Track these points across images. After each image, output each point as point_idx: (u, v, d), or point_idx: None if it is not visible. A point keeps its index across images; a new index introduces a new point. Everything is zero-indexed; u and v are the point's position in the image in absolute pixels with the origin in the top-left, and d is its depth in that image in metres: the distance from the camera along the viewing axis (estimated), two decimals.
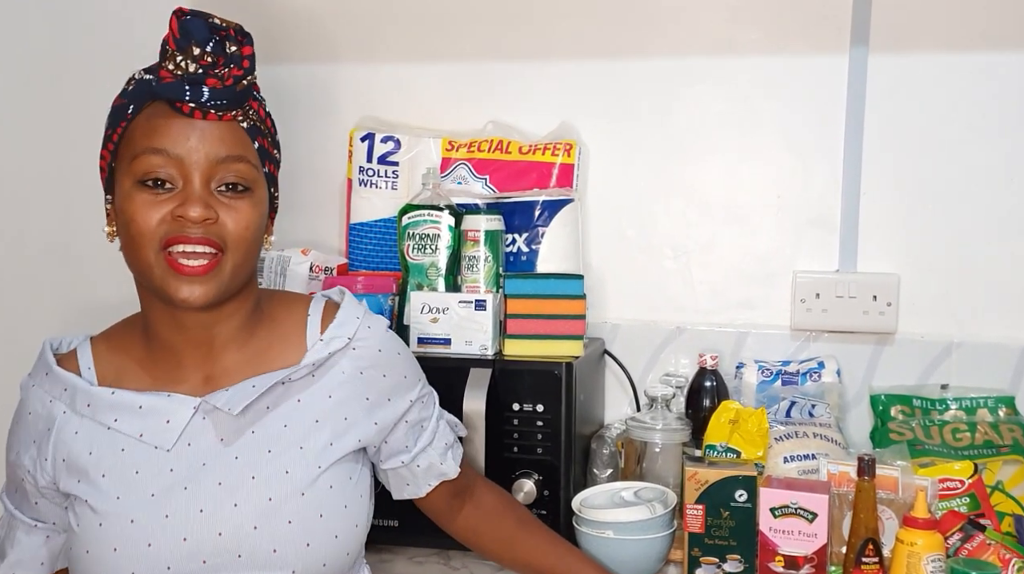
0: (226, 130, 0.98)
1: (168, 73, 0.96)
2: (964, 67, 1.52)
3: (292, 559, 0.99)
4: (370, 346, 1.09)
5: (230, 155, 0.97)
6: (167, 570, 0.97)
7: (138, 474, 0.99)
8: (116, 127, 0.99)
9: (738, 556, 1.24)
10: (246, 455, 1.00)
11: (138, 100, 0.98)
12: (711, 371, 1.54)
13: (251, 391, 1.01)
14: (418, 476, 1.14)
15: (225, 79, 0.97)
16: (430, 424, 1.15)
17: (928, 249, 1.56)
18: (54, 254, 1.87)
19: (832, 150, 1.57)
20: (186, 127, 0.96)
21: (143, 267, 0.97)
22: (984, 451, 1.40)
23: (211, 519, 0.98)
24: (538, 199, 1.56)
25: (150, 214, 0.95)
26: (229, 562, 0.98)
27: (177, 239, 0.95)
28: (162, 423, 0.99)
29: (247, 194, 0.99)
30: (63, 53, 1.84)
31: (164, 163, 0.95)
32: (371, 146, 1.64)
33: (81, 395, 1.01)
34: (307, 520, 1.00)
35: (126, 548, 0.97)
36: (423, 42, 1.70)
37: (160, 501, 0.98)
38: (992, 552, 1.17)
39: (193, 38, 0.96)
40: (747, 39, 1.59)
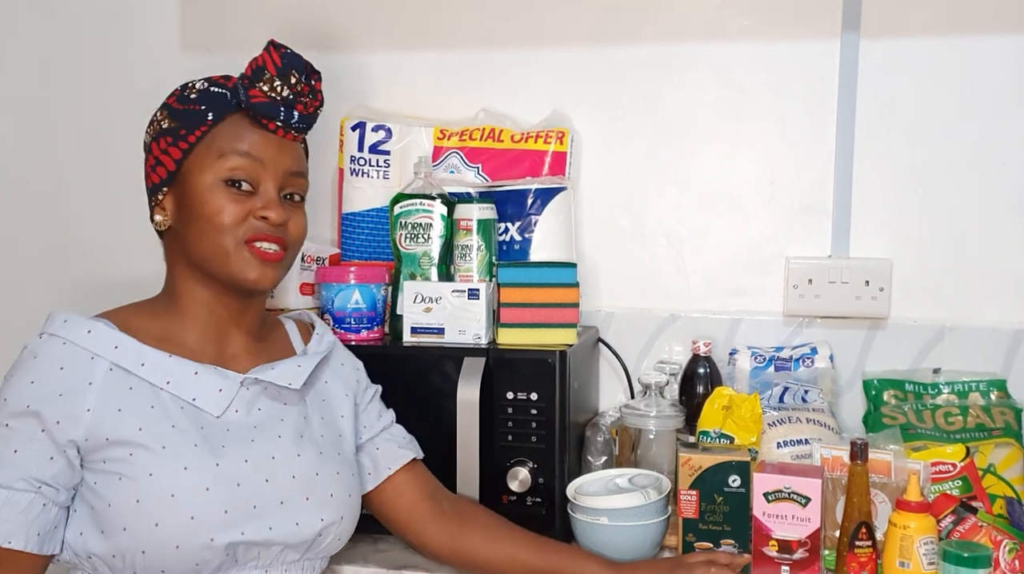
0: (296, 150, 1.16)
1: (262, 94, 1.11)
2: (955, 51, 1.52)
3: (342, 504, 1.14)
4: (339, 349, 1.29)
5: (298, 171, 1.16)
6: (253, 509, 1.06)
7: (203, 429, 1.07)
8: (194, 130, 1.10)
9: (732, 541, 1.25)
10: (290, 420, 1.14)
11: (218, 109, 1.11)
12: (704, 358, 1.54)
13: (299, 370, 1.15)
14: (378, 460, 1.25)
15: (308, 107, 1.15)
16: (387, 415, 1.30)
17: (920, 234, 1.56)
18: (47, 245, 1.87)
19: (824, 136, 1.58)
20: (271, 141, 1.12)
21: (218, 251, 1.09)
22: (976, 434, 1.40)
23: (284, 465, 1.10)
24: (531, 187, 1.56)
25: (234, 209, 1.09)
26: (299, 503, 1.10)
27: (259, 237, 1.10)
28: (214, 391, 1.09)
29: (301, 203, 1.17)
30: (55, 44, 1.84)
31: (250, 167, 1.10)
32: (362, 135, 1.63)
33: (134, 352, 1.06)
34: (347, 475, 1.17)
35: (217, 489, 1.04)
36: (414, 30, 1.70)
37: (232, 450, 1.07)
38: (984, 534, 1.18)
39: (293, 67, 1.13)
40: (739, 25, 1.59)
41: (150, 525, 1.00)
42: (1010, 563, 1.16)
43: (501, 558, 1.22)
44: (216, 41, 1.76)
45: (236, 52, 1.22)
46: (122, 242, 1.82)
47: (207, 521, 1.02)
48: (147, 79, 1.78)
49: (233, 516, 1.04)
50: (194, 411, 1.07)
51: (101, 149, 1.84)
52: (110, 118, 1.82)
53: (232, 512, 1.04)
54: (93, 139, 1.84)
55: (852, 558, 1.19)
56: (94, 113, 1.84)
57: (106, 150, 1.83)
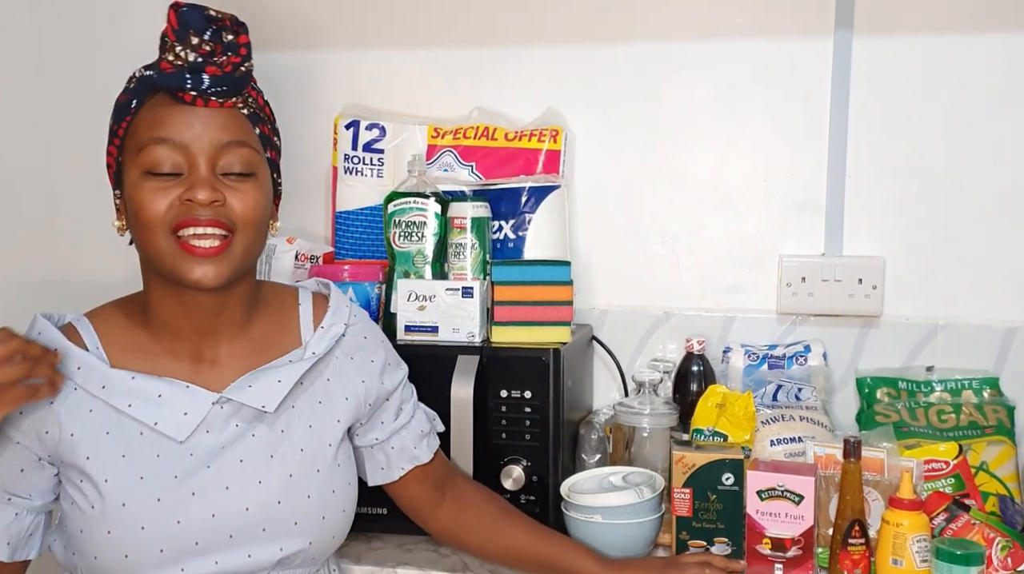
0: (228, 117, 1.01)
1: (168, 64, 0.99)
2: (949, 49, 1.52)
3: (310, 531, 1.06)
4: (357, 333, 1.17)
5: (233, 140, 1.01)
6: (195, 546, 1.00)
7: (159, 457, 1.01)
8: (120, 122, 1.03)
9: (726, 539, 1.25)
10: (262, 436, 1.05)
11: (140, 94, 1.01)
12: (698, 356, 1.54)
13: (279, 386, 1.05)
14: (391, 458, 1.20)
15: (224, 66, 1.00)
16: (408, 407, 1.22)
17: (913, 232, 1.56)
18: (39, 236, 1.87)
19: (818, 134, 1.58)
20: (189, 115, 0.99)
21: (154, 252, 1.00)
22: (969, 432, 1.41)
23: (237, 496, 1.02)
24: (524, 186, 1.56)
25: (159, 200, 0.98)
26: (255, 535, 1.03)
27: (187, 222, 0.98)
28: (179, 415, 1.02)
29: (251, 178, 1.02)
30: (46, 41, 1.83)
31: (170, 152, 0.99)
32: (356, 133, 1.63)
33: (97, 375, 1.01)
34: (323, 495, 1.07)
35: (154, 527, 0.99)
36: (408, 29, 1.69)
37: (185, 481, 1.01)
38: (977, 532, 1.18)
39: (191, 27, 0.99)
40: (732, 23, 1.59)
41: (91, 556, 1.00)
42: (1003, 561, 1.16)
43: (496, 547, 1.23)
44: None
45: None
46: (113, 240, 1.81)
47: (142, 559, 0.99)
48: None
49: (170, 555, 1.00)
50: (155, 436, 1.01)
51: (95, 146, 1.82)
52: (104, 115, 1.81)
53: (170, 551, 0.99)
54: (87, 136, 1.83)
55: (845, 556, 1.19)
56: (88, 110, 1.82)
57: (100, 147, 1.82)
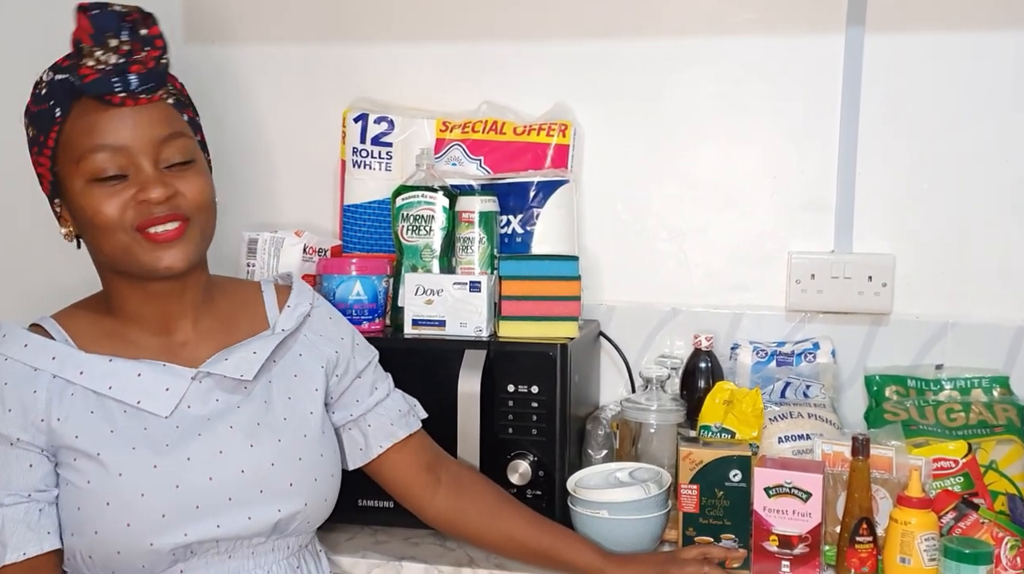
0: (158, 111, 1.04)
1: (90, 70, 0.99)
2: (960, 47, 1.51)
3: (304, 492, 1.09)
4: (323, 315, 1.22)
5: (170, 133, 1.04)
6: (196, 509, 1.03)
7: (147, 430, 1.04)
8: (49, 132, 1.03)
9: (732, 535, 1.25)
10: (246, 407, 1.09)
11: (63, 101, 1.02)
12: (706, 352, 1.54)
13: (254, 358, 1.10)
14: (368, 436, 1.21)
15: (147, 63, 1.01)
16: (383, 387, 1.24)
17: (923, 230, 1.55)
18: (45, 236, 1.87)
19: (827, 131, 1.57)
20: (122, 117, 1.01)
21: (117, 251, 1.03)
22: (978, 431, 1.40)
23: (232, 459, 1.06)
24: (533, 180, 1.56)
25: (111, 205, 1.01)
26: (253, 497, 1.06)
27: (147, 222, 1.02)
28: (161, 391, 1.05)
29: (192, 164, 1.06)
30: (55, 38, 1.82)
31: (111, 156, 1.01)
32: (364, 127, 1.63)
33: (72, 362, 1.03)
34: (313, 458, 1.12)
35: (153, 493, 1.01)
36: (417, 22, 1.69)
37: (176, 449, 1.04)
38: (985, 531, 1.18)
39: (107, 30, 1.00)
40: (742, 19, 1.58)
41: (91, 532, 1.01)
42: (1011, 560, 1.15)
43: (497, 535, 1.23)
44: (219, 32, 1.76)
45: (239, 43, 1.21)
46: None
47: (144, 527, 1.01)
48: None
49: (172, 519, 1.02)
50: (139, 413, 1.04)
51: None
52: None
53: (171, 515, 1.02)
54: None
55: (853, 554, 1.19)
56: None
57: None
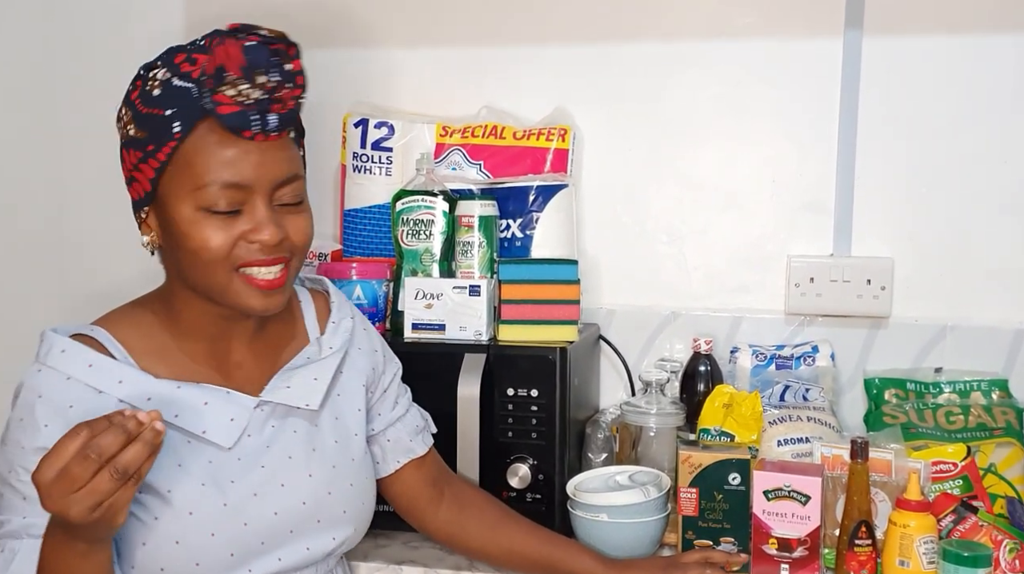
0: (281, 150, 0.99)
1: (229, 100, 0.93)
2: (958, 49, 1.52)
3: (355, 518, 1.11)
4: (358, 326, 1.19)
5: (290, 175, 1.00)
6: (261, 545, 1.02)
7: (212, 464, 1.01)
8: (162, 146, 0.96)
9: (732, 539, 1.25)
10: (302, 431, 1.08)
11: (186, 118, 0.95)
12: (705, 356, 1.54)
13: (316, 384, 1.08)
14: (387, 451, 1.21)
15: (287, 103, 0.96)
16: (403, 401, 1.24)
17: (922, 233, 1.56)
18: (47, 244, 1.87)
19: (826, 134, 1.57)
20: (247, 153, 0.96)
21: (212, 284, 0.99)
22: (977, 434, 1.40)
23: (294, 491, 1.05)
24: (532, 184, 1.56)
25: (221, 238, 0.97)
26: (310, 527, 1.06)
27: (252, 263, 0.98)
28: (225, 421, 1.02)
29: (301, 205, 1.03)
30: (55, 44, 1.84)
31: (231, 193, 0.96)
32: (365, 132, 1.63)
33: (140, 387, 0.99)
34: (360, 481, 1.12)
35: (223, 532, 1.00)
36: (417, 27, 1.70)
37: (241, 484, 1.02)
38: (984, 534, 1.18)
39: (259, 66, 0.94)
40: (741, 23, 1.58)
41: (156, 569, 0.98)
42: (1010, 563, 1.15)
43: (497, 548, 1.23)
44: None
45: None
46: (125, 242, 1.82)
47: (213, 566, 0.99)
48: None
49: (240, 557, 1.00)
50: (201, 444, 1.01)
51: (104, 146, 1.83)
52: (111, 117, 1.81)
53: (239, 553, 1.00)
54: (96, 136, 1.83)
55: (852, 557, 1.19)
56: (97, 109, 1.83)
57: (109, 148, 1.82)
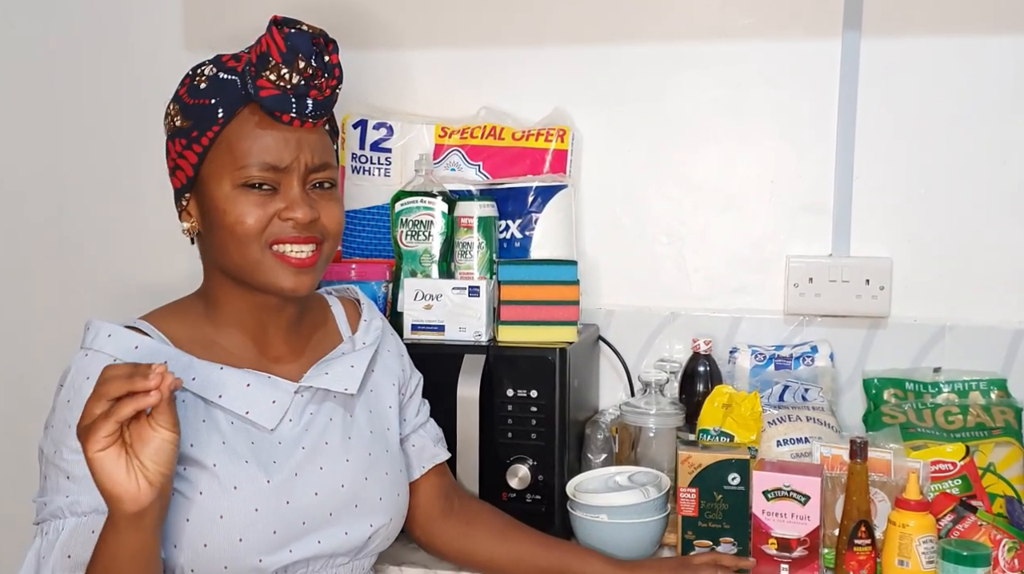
0: (318, 137, 1.06)
1: (270, 84, 1.00)
2: (956, 50, 1.52)
3: (391, 506, 1.13)
4: (386, 329, 1.24)
5: (323, 162, 1.06)
6: (302, 525, 1.04)
7: (254, 444, 1.04)
8: (205, 130, 1.02)
9: (731, 539, 1.25)
10: (338, 419, 1.10)
11: (229, 104, 1.01)
12: (704, 356, 1.54)
13: (352, 371, 1.11)
14: (411, 457, 1.23)
15: (324, 90, 1.03)
16: (424, 409, 1.27)
17: (921, 233, 1.56)
18: (47, 243, 1.88)
19: (825, 135, 1.57)
20: (288, 137, 1.02)
21: (245, 262, 1.03)
22: (976, 433, 1.40)
23: (332, 474, 1.07)
24: (531, 185, 1.56)
25: (257, 214, 1.02)
26: (348, 512, 1.08)
27: (285, 239, 1.03)
28: (268, 403, 1.05)
29: (333, 190, 1.08)
30: (57, 45, 1.84)
31: (270, 171, 1.02)
32: (363, 133, 1.64)
33: (183, 368, 1.02)
34: (395, 472, 1.15)
35: (267, 509, 1.01)
36: (416, 28, 1.70)
37: (284, 464, 1.04)
38: (983, 533, 1.18)
39: (299, 52, 1.01)
40: (740, 24, 1.59)
41: (199, 545, 0.99)
42: (1009, 562, 1.16)
43: (506, 558, 1.22)
44: (219, 38, 1.76)
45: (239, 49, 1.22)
46: (129, 244, 1.83)
47: (256, 543, 1.00)
48: (150, 78, 1.78)
49: (282, 536, 1.02)
50: (244, 425, 1.03)
51: (106, 150, 1.84)
52: (113, 118, 1.82)
53: (281, 532, 1.02)
54: (97, 140, 1.84)
55: (851, 556, 1.19)
56: (97, 113, 1.84)
57: (111, 151, 1.83)
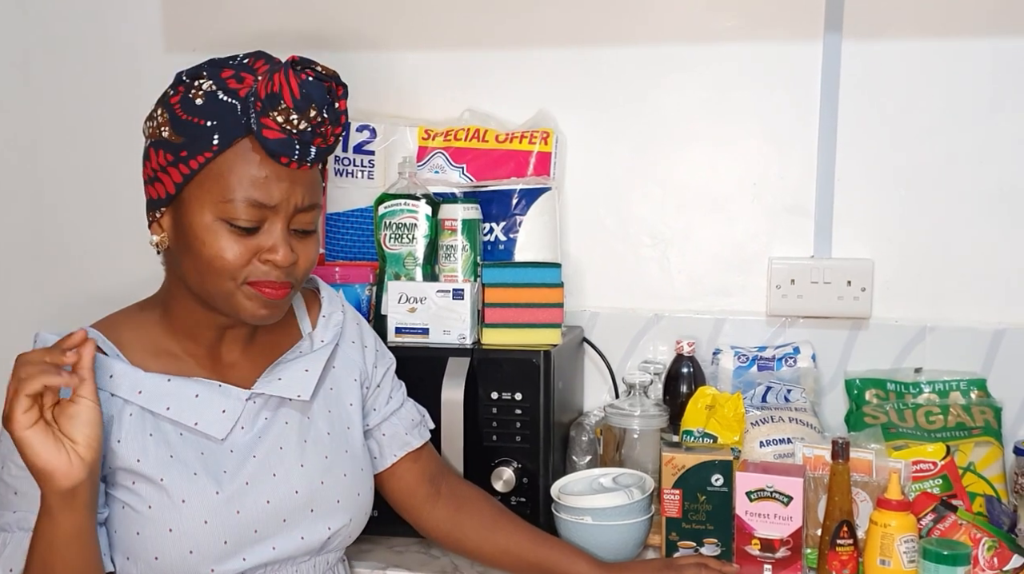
0: (309, 178, 1.03)
1: (276, 127, 0.97)
2: (937, 53, 1.53)
3: (350, 507, 1.12)
4: (351, 321, 1.21)
5: (311, 204, 1.04)
6: (254, 533, 1.04)
7: (204, 455, 1.03)
8: (197, 153, 0.98)
9: (715, 540, 1.26)
10: (294, 423, 1.10)
11: (226, 133, 0.98)
12: (688, 357, 1.55)
13: (307, 376, 1.10)
14: (383, 445, 1.22)
15: (328, 138, 1.01)
16: (397, 395, 1.25)
17: (902, 234, 1.57)
18: (29, 250, 1.86)
19: (807, 137, 1.58)
20: (282, 178, 1.00)
21: (217, 291, 1.02)
22: (956, 433, 1.42)
23: (285, 480, 1.06)
24: (515, 188, 1.56)
25: (237, 251, 1.00)
26: (304, 517, 1.07)
27: (261, 283, 1.01)
28: (217, 413, 1.04)
29: (313, 234, 1.06)
30: (35, 46, 1.82)
31: (256, 211, 1.00)
32: (346, 135, 1.63)
33: (130, 380, 1.01)
34: (355, 473, 1.13)
35: (216, 520, 1.01)
36: (399, 29, 1.69)
37: (234, 474, 1.04)
38: (964, 532, 1.19)
39: (313, 101, 0.98)
40: (723, 26, 1.59)
41: (150, 557, 0.99)
42: (989, 560, 1.17)
43: (492, 548, 1.23)
44: (200, 40, 1.76)
45: (221, 51, 1.21)
46: (106, 247, 1.82)
47: (206, 554, 1.00)
48: (130, 81, 1.77)
49: (233, 545, 1.02)
50: (194, 436, 1.03)
51: (84, 153, 1.83)
52: (92, 121, 1.81)
53: (232, 541, 1.02)
54: (76, 143, 1.83)
55: (834, 556, 1.20)
56: (76, 116, 1.83)
57: (90, 154, 1.82)
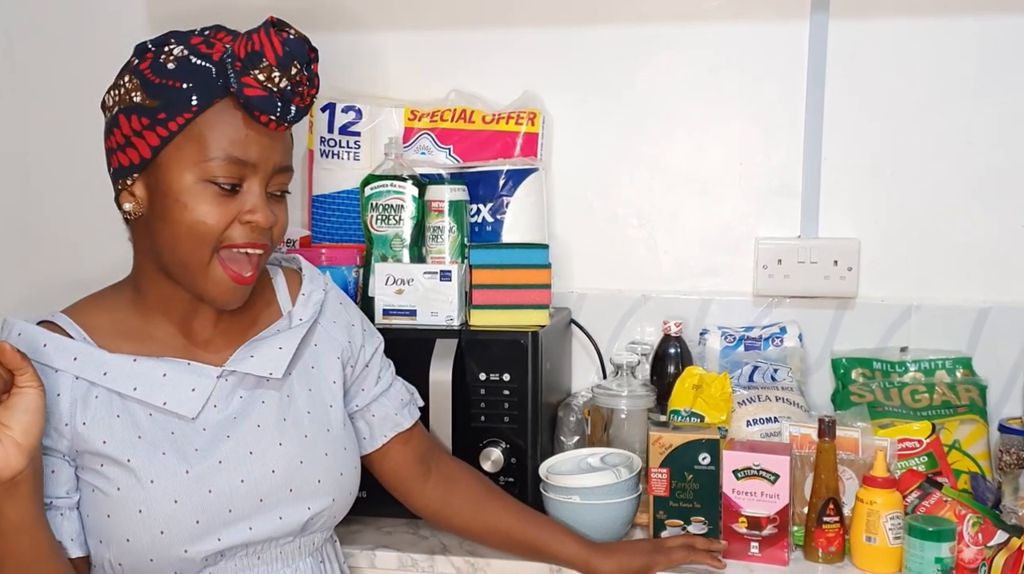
0: (285, 140, 1.04)
1: (257, 84, 0.97)
2: (923, 32, 1.53)
3: (331, 488, 1.09)
4: (334, 299, 1.20)
5: (287, 165, 1.04)
6: (228, 513, 1.02)
7: (175, 434, 1.02)
8: (176, 115, 0.97)
9: (702, 518, 1.26)
10: (272, 402, 1.07)
11: (205, 93, 0.97)
12: (675, 338, 1.55)
13: (280, 354, 1.07)
14: (373, 426, 1.21)
15: (305, 98, 1.01)
16: (386, 375, 1.24)
17: (888, 214, 1.58)
18: (8, 233, 1.85)
19: (793, 117, 1.58)
20: (262, 137, 1.00)
21: (191, 261, 1.00)
22: (942, 411, 1.43)
23: (262, 459, 1.04)
24: (502, 169, 1.56)
25: (218, 215, 0.99)
26: (282, 497, 1.05)
27: (239, 244, 1.00)
28: (187, 392, 1.02)
29: (286, 196, 1.07)
30: (15, 26, 1.80)
31: (238, 169, 0.99)
32: (332, 116, 1.62)
33: (95, 362, 1.00)
34: (337, 452, 1.11)
35: (187, 499, 1.00)
36: (384, 10, 1.68)
37: (208, 452, 1.02)
38: (948, 509, 1.20)
39: (295, 58, 0.98)
40: (710, 6, 1.59)
41: (122, 539, 0.99)
42: (973, 536, 1.18)
43: (482, 526, 1.23)
44: (185, 21, 1.73)
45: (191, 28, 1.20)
46: (91, 231, 1.80)
47: (178, 534, 0.99)
48: (116, 64, 1.74)
49: (206, 525, 1.00)
50: (164, 416, 1.01)
51: (67, 134, 1.81)
52: (73, 99, 1.79)
53: (205, 521, 1.00)
54: (58, 124, 1.81)
55: (820, 534, 1.21)
56: (57, 96, 1.81)
57: (72, 135, 1.80)
